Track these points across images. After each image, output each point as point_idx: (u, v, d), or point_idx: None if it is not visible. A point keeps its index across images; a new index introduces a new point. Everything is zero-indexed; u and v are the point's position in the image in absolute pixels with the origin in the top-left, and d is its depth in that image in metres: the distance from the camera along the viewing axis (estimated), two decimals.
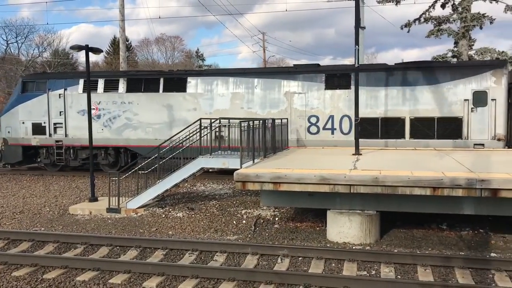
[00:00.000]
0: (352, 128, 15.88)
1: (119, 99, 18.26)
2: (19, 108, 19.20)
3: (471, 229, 10.34)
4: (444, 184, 8.67)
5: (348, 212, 9.74)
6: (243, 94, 17.19)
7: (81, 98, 18.39)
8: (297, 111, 16.63)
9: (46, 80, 19.26)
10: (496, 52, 22.40)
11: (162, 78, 18.05)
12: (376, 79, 16.03)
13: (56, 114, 18.87)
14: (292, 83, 16.77)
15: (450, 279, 7.45)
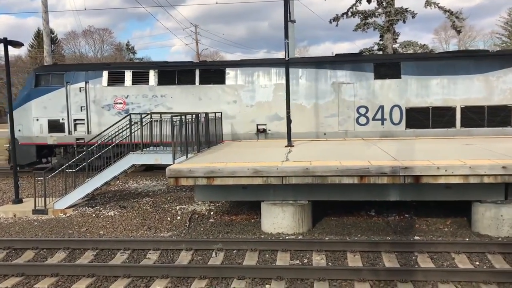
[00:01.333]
0: (403, 118, 15.85)
1: (150, 92, 16.89)
2: (32, 103, 17.26)
3: (397, 215, 10.85)
4: (371, 173, 9.03)
5: (281, 203, 9.90)
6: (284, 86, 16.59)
7: (106, 91, 17.00)
8: (345, 102, 16.11)
9: (64, 72, 17.47)
10: (418, 45, 23.64)
11: (197, 69, 16.85)
12: (426, 68, 15.83)
13: (77, 109, 17.10)
14: (339, 73, 16.22)
15: (377, 263, 7.78)
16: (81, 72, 17.41)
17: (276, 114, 16.24)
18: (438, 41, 71.37)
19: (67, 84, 17.16)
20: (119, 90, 16.83)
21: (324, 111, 16.18)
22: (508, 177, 8.83)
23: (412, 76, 15.67)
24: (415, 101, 15.76)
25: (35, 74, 17.76)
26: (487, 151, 10.80)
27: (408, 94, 15.80)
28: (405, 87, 15.82)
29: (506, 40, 59.51)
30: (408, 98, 15.80)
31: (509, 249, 8.08)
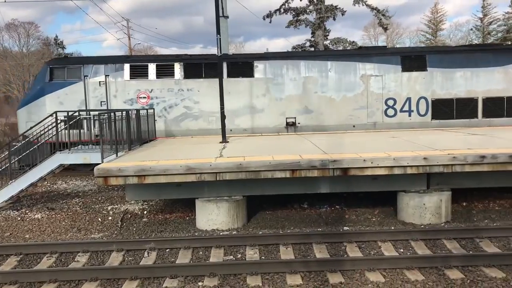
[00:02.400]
0: (429, 110, 16.35)
1: (176, 86, 16.33)
2: (46, 99, 16.03)
3: (329, 206, 11.17)
4: (302, 166, 9.23)
5: (216, 199, 9.88)
6: (317, 78, 16.51)
7: (128, 85, 16.02)
8: (374, 94, 16.34)
9: (81, 65, 16.39)
10: (347, 42, 24.43)
11: (225, 62, 16.21)
12: (450, 61, 16.35)
13: (96, 104, 16.14)
14: (368, 66, 16.42)
15: (309, 254, 7.98)
16: (100, 65, 16.44)
17: (306, 107, 16.40)
18: (367, 37, 74.04)
19: (85, 77, 16.20)
20: (143, 83, 16.22)
21: (353, 103, 16.47)
22: (429, 168, 9.34)
23: (437, 68, 16.31)
24: (440, 93, 16.41)
25: (49, 67, 16.52)
26: (410, 143, 11.37)
27: (433, 86, 16.44)
28: (431, 80, 16.39)
29: (430, 37, 62.86)
30: (434, 90, 16.44)
31: (430, 235, 8.57)
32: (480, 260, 7.28)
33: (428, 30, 65.10)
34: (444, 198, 9.75)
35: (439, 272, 6.98)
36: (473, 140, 11.59)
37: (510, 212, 10.22)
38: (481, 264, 7.18)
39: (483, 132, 13.77)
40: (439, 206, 9.71)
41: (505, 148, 9.90)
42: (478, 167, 9.36)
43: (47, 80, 16.33)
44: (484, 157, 9.26)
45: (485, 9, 63.18)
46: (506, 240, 8.36)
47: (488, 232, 8.64)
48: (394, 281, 6.74)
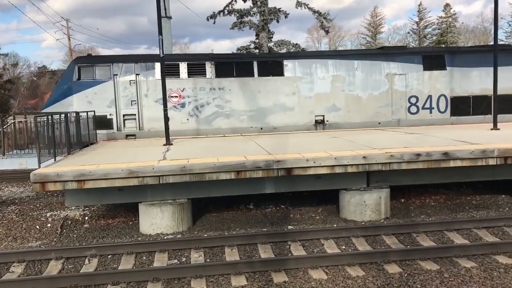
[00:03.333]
0: (448, 107, 17.13)
1: (208, 85, 16.23)
2: (74, 98, 15.49)
3: (274, 206, 11.29)
4: (247, 167, 9.27)
5: (160, 203, 9.72)
6: (344, 76, 16.89)
7: (160, 84, 14.96)
8: (398, 92, 16.86)
9: (110, 64, 15.94)
10: (291, 44, 24.80)
11: (255, 61, 16.52)
12: (467, 60, 17.12)
13: (127, 104, 15.78)
14: (392, 65, 16.96)
15: (254, 255, 8.03)
16: (130, 64, 16.12)
17: (334, 105, 16.76)
18: (311, 40, 75.53)
19: (114, 76, 15.85)
20: (174, 82, 16.00)
21: (379, 101, 16.96)
22: (368, 166, 9.66)
23: (456, 67, 17.15)
24: (458, 90, 17.20)
25: (77, 66, 16.00)
26: (351, 143, 11.70)
27: (452, 84, 17.22)
28: (450, 78, 17.18)
29: (370, 40, 65.01)
30: (452, 88, 17.23)
31: (370, 232, 8.86)
32: (417, 254, 7.60)
33: (368, 33, 67.33)
34: (383, 195, 10.11)
35: (379, 267, 7.23)
36: (410, 139, 12.10)
37: (444, 207, 10.75)
38: (417, 257, 7.50)
39: (419, 131, 14.40)
40: (378, 203, 10.06)
41: (439, 146, 10.41)
42: (414, 165, 9.78)
43: (75, 79, 15.89)
44: (419, 155, 9.69)
45: (420, 13, 66.16)
46: (441, 234, 8.78)
47: (424, 226, 9.04)
48: (336, 278, 6.91)
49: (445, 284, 6.57)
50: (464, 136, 12.28)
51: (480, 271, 6.97)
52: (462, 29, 66.12)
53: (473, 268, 7.08)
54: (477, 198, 11.23)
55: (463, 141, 11.08)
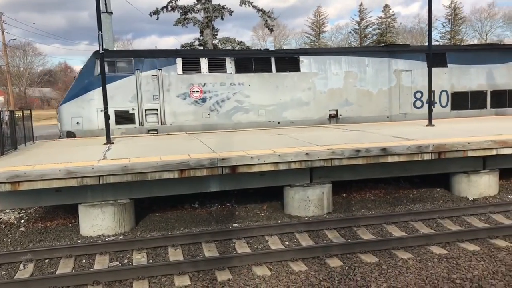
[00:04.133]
0: (449, 101, 18.52)
1: (228, 80, 16.61)
2: (95, 93, 15.33)
3: (219, 204, 11.25)
4: (190, 166, 9.18)
5: (100, 204, 9.43)
6: (356, 72, 17.72)
7: (181, 79, 16.13)
8: (404, 88, 17.92)
9: (132, 58, 15.98)
10: (236, 41, 24.80)
11: (273, 57, 17.09)
12: (465, 58, 18.43)
13: (149, 98, 15.91)
14: (399, 62, 17.96)
15: (198, 254, 7.96)
16: (152, 58, 16.24)
17: (346, 100, 17.66)
18: (256, 38, 75.94)
19: (136, 71, 15.89)
20: (196, 78, 16.41)
21: (388, 96, 18.01)
22: (311, 162, 9.84)
23: (456, 65, 18.54)
24: (457, 86, 18.57)
25: (98, 60, 14.99)
26: (295, 140, 11.87)
27: (452, 81, 18.55)
28: (451, 75, 18.50)
29: (314, 39, 66.23)
30: (453, 84, 18.56)
31: (313, 227, 9.03)
32: (357, 247, 7.83)
33: (312, 32, 68.54)
34: (326, 190, 10.33)
35: (321, 262, 7.38)
36: (351, 136, 12.44)
37: (384, 201, 11.13)
38: (358, 251, 7.72)
39: (360, 128, 14.84)
40: (321, 198, 10.27)
41: (377, 142, 10.77)
42: (354, 161, 10.06)
43: (96, 74, 15.50)
44: (359, 151, 9.98)
45: (361, 14, 68.21)
46: (380, 227, 9.10)
47: (365, 220, 9.32)
48: (280, 274, 6.98)
49: (384, 276, 6.80)
50: (402, 132, 12.78)
51: (416, 261, 7.28)
52: (400, 29, 68.87)
53: (410, 259, 7.38)
54: (414, 192, 11.71)
55: (401, 137, 11.52)
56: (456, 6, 70.33)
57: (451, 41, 66.00)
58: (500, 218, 9.42)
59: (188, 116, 16.30)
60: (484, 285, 6.45)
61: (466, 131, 12.63)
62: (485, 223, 9.18)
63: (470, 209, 9.79)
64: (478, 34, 72.65)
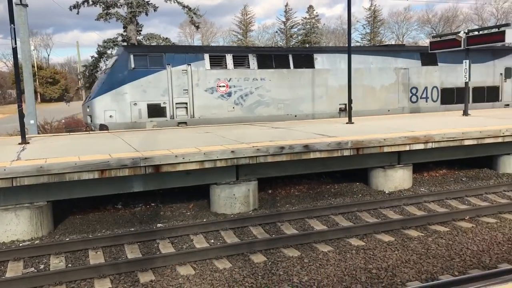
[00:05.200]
0: (439, 97, 20.59)
1: (251, 76, 17.65)
2: (127, 87, 16.06)
3: (144, 205, 11.01)
4: (111, 166, 8.90)
5: (14, 207, 8.87)
6: (363, 69, 19.23)
7: (209, 74, 17.09)
8: (402, 84, 19.74)
9: (163, 53, 16.74)
10: (161, 38, 24.33)
11: (290, 54, 18.24)
12: (452, 57, 20.07)
13: (179, 92, 16.71)
14: (398, 60, 19.66)
15: (120, 256, 7.75)
16: (181, 54, 17.00)
17: (354, 95, 17.80)
18: (183, 35, 75.13)
19: (168, 66, 16.54)
20: (222, 73, 17.25)
21: (388, 91, 19.79)
22: (236, 160, 9.91)
23: (445, 63, 20.53)
24: (446, 83, 20.65)
25: (132, 54, 16.41)
26: (221, 138, 11.90)
27: (442, 78, 20.62)
28: (440, 72, 20.56)
29: (241, 38, 66.66)
30: (442, 81, 20.62)
31: (239, 224, 9.11)
32: (280, 242, 8.00)
33: (239, 30, 68.96)
34: (252, 187, 10.45)
35: (245, 258, 7.47)
36: (275, 133, 12.67)
37: (307, 196, 11.46)
38: (281, 245, 7.90)
39: (284, 126, 15.16)
40: (247, 195, 10.37)
41: (300, 139, 11.07)
42: (278, 157, 10.27)
43: (130, 68, 16.25)
44: (283, 148, 10.20)
45: (287, 14, 69.64)
46: (303, 221, 9.36)
47: (288, 215, 9.55)
48: (204, 272, 6.98)
49: (305, 269, 7.01)
50: (324, 129, 13.22)
51: (335, 254, 7.58)
52: (324, 30, 71.09)
53: (330, 252, 7.67)
54: (335, 187, 12.16)
55: (322, 134, 11.92)
56: (375, 8, 73.88)
57: (371, 42, 69.21)
58: (413, 209, 10.04)
59: (215, 110, 17.28)
60: (397, 274, 6.85)
61: (384, 127, 13.31)
62: (399, 214, 9.74)
63: (386, 201, 10.35)
64: (396, 36, 76.78)
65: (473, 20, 72.59)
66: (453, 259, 7.31)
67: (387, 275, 6.80)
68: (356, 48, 21.68)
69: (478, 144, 12.09)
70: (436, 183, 12.16)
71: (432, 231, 8.59)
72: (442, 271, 6.91)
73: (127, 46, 18.51)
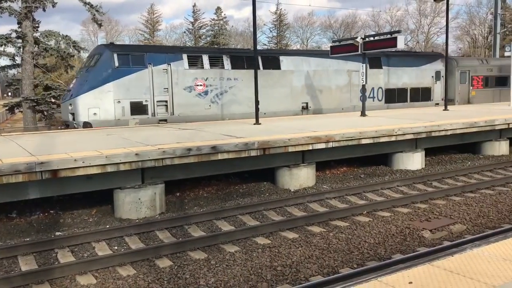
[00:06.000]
0: (384, 96, 23.25)
1: (225, 75, 18.76)
2: (112, 85, 16.47)
3: (41, 212, 10.31)
4: (3, 172, 8.23)
5: None
6: (321, 71, 21.39)
7: (187, 74, 18.05)
8: (354, 85, 21.71)
9: (144, 53, 17.52)
10: (60, 35, 22.99)
11: (259, 56, 18.96)
12: (394, 62, 23.49)
13: (160, 91, 17.50)
14: (350, 64, 21.72)
15: (14, 269, 7.19)
16: (162, 54, 17.73)
17: (314, 94, 21.21)
18: (86, 33, 71.78)
19: (149, 65, 17.14)
20: (199, 73, 18.22)
21: (343, 91, 22.16)
22: (141, 163, 9.64)
23: (388, 67, 23.39)
24: (389, 84, 23.48)
25: (116, 53, 16.96)
26: (126, 140, 11.51)
27: (386, 80, 23.39)
28: (384, 75, 23.30)
29: (148, 37, 65.19)
30: (386, 82, 23.41)
31: (144, 229, 8.87)
32: (187, 245, 7.92)
33: (146, 29, 67.38)
34: (158, 191, 10.22)
35: (150, 263, 7.28)
36: (184, 135, 12.54)
37: (215, 197, 11.46)
38: (188, 249, 7.82)
39: (193, 127, 15.05)
40: (154, 199, 10.13)
41: (208, 140, 11.05)
42: (186, 159, 10.16)
43: (114, 67, 16.70)
44: (191, 150, 10.11)
45: (195, 14, 69.31)
46: (211, 223, 9.34)
47: (196, 218, 9.48)
48: (106, 280, 6.70)
49: (212, 271, 7.00)
50: (232, 130, 13.33)
51: (242, 253, 7.65)
52: (232, 32, 71.76)
53: (237, 252, 7.73)
54: (243, 187, 12.30)
55: (230, 135, 12.01)
56: (281, 13, 76.04)
57: (278, 46, 71.10)
58: (316, 206, 10.46)
59: (193, 107, 18.27)
60: (301, 269, 7.08)
61: (290, 128, 13.71)
62: (303, 212, 10.09)
63: (291, 199, 10.67)
64: (300, 40, 79.64)
65: (371, 27, 77.58)
66: (352, 252, 7.71)
67: (292, 272, 7.00)
68: (315, 51, 27.08)
69: (374, 143, 12.90)
70: (337, 180, 12.77)
71: (333, 227, 9.00)
72: (342, 265, 7.26)
73: (110, 45, 18.72)
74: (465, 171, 13.51)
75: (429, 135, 13.89)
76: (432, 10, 74.52)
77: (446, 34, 21.47)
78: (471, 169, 13.67)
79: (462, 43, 78.76)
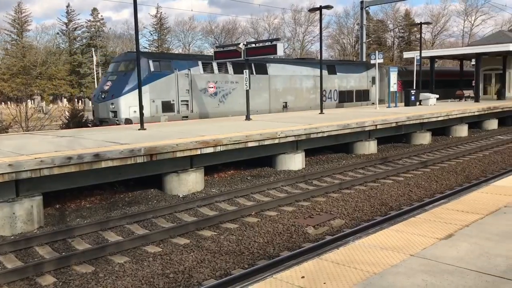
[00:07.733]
0: (338, 97, 28.50)
1: (230, 79, 22.54)
2: (148, 87, 19.13)
3: None
4: None
5: None
6: (296, 76, 26.13)
7: (202, 78, 21.43)
8: (317, 88, 23.85)
9: (170, 60, 20.90)
10: None
11: (253, 63, 22.66)
12: (344, 68, 29.40)
13: (183, 92, 20.54)
14: (315, 70, 25.33)
15: None
16: (184, 60, 21.46)
17: (291, 95, 25.69)
18: None
19: (175, 70, 20.41)
20: (210, 77, 21.83)
21: (311, 93, 26.68)
22: (16, 174, 8.87)
23: (340, 73, 28.83)
24: (341, 87, 28.82)
25: (150, 60, 19.95)
26: None
27: (339, 83, 28.64)
28: (338, 79, 28.59)
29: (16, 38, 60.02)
30: (339, 85, 28.64)
31: (21, 245, 8.17)
32: (72, 259, 7.46)
33: (13, 29, 62.09)
34: (35, 203, 9.47)
35: (31, 282, 6.74)
36: (62, 143, 11.79)
37: (100, 207, 10.93)
38: (73, 263, 7.37)
39: (70, 134, 14.21)
40: (30, 212, 9.36)
41: (90, 148, 10.53)
42: (66, 169, 9.57)
43: (150, 71, 19.57)
44: (71, 158, 9.55)
45: (69, 15, 65.37)
46: (96, 234, 8.90)
47: (80, 230, 8.96)
48: None
49: (101, 284, 6.69)
50: (115, 137, 12.84)
51: (132, 264, 7.42)
52: (110, 34, 68.99)
53: (126, 262, 7.47)
54: (129, 195, 11.91)
55: (114, 142, 11.57)
56: (161, 16, 75.00)
57: (159, 49, 70.00)
58: (206, 210, 10.52)
59: (207, 106, 21.56)
60: (194, 274, 7.08)
61: (177, 132, 13.60)
62: (193, 216, 10.09)
63: (181, 205, 10.60)
64: (182, 44, 79.32)
65: (250, 33, 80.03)
66: (243, 253, 7.91)
67: (184, 277, 6.97)
68: (292, 60, 30.59)
69: (260, 145, 13.36)
70: (225, 183, 12.98)
71: (224, 229, 9.14)
72: (234, 266, 7.41)
73: (145, 53, 22.58)
74: (341, 169, 14.59)
75: (309, 137, 14.77)
76: (306, 19, 79.19)
77: (320, 42, 23.17)
78: (345, 168, 14.82)
79: (333, 51, 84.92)
